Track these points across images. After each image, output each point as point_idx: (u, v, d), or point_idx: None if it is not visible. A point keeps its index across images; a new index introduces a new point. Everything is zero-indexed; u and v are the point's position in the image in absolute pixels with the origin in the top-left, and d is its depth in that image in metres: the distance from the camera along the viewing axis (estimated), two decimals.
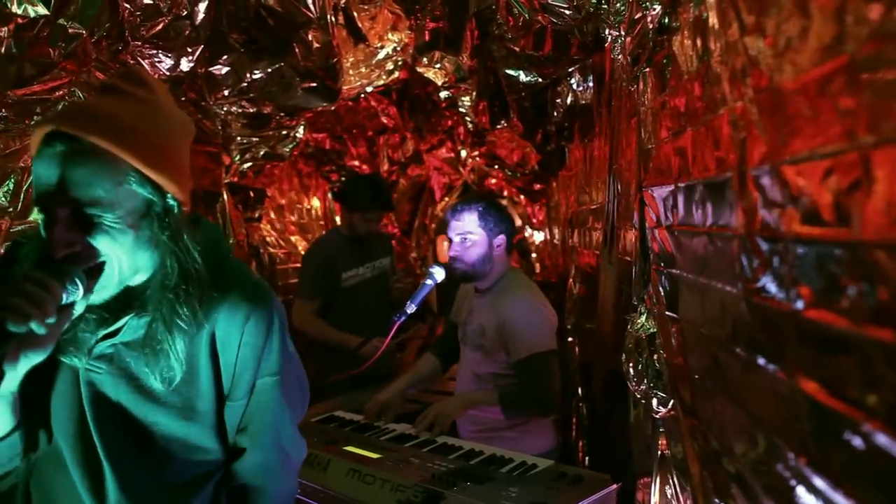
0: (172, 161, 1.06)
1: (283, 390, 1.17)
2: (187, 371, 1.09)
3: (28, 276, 0.92)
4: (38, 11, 1.59)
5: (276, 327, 1.15)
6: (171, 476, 1.10)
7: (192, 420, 1.10)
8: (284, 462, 1.21)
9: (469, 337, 2.36)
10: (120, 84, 1.06)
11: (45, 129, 0.98)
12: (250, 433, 1.15)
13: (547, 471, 1.94)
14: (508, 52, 2.55)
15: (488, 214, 2.26)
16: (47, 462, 1.08)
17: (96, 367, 1.06)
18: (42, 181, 0.97)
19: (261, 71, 2.60)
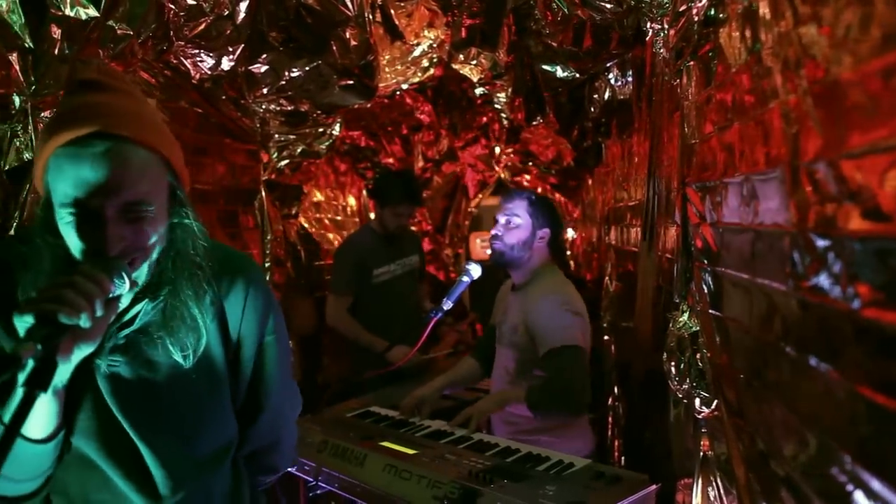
0: (176, 143, 1.12)
1: (279, 346, 1.26)
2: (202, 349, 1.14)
3: (79, 271, 0.95)
4: (89, 13, 1.64)
5: (268, 291, 1.25)
6: (201, 449, 1.16)
7: (211, 393, 1.16)
8: (290, 414, 1.34)
9: (504, 336, 2.34)
10: (106, 80, 1.07)
11: (83, 130, 0.98)
12: (260, 393, 1.24)
13: (584, 470, 1.92)
14: (545, 48, 2.53)
15: (538, 205, 2.28)
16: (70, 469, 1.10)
17: (114, 360, 1.09)
18: (88, 181, 0.97)
19: (299, 69, 2.63)
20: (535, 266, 2.30)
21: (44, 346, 0.88)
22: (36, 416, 0.98)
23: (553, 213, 2.33)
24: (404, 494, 1.88)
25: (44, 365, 0.88)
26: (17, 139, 1.59)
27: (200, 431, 1.16)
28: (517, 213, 2.27)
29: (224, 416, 1.20)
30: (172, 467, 1.11)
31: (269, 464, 1.33)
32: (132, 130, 1.00)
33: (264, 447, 1.29)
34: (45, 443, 1.01)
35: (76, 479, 1.10)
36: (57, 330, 0.89)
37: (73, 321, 0.90)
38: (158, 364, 1.11)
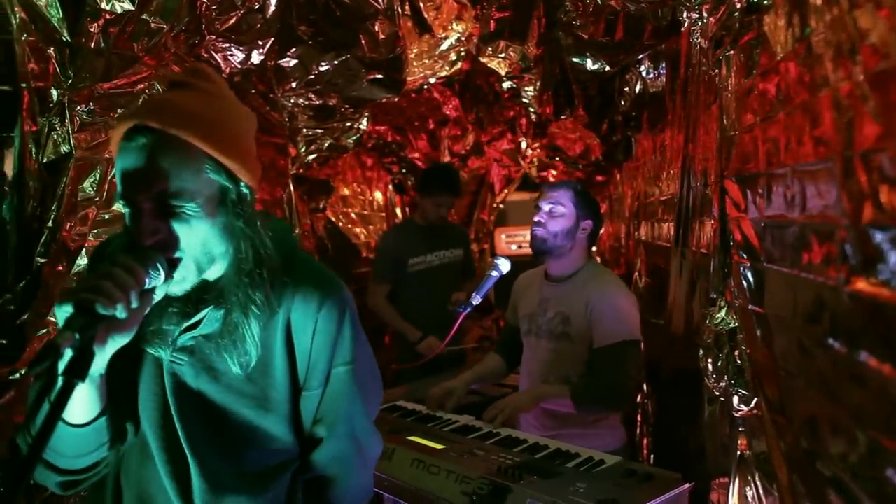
0: (243, 149, 1.09)
1: (357, 380, 1.17)
2: (262, 362, 1.11)
3: (115, 262, 0.96)
4: (125, 7, 1.65)
5: (348, 316, 1.16)
6: (250, 465, 1.12)
7: (268, 410, 1.12)
8: (359, 453, 1.21)
9: (543, 328, 2.31)
10: (189, 79, 1.10)
11: (128, 123, 1.01)
12: (326, 423, 1.16)
13: (615, 467, 1.89)
14: (576, 40, 2.49)
15: (583, 197, 2.27)
16: (135, 453, 1.11)
17: (179, 358, 1.09)
18: (127, 173, 1.00)
19: (327, 63, 2.63)
20: (577, 257, 2.28)
21: (81, 336, 0.88)
22: (76, 403, 1.00)
23: (596, 208, 2.33)
24: (433, 489, 1.87)
25: (81, 354, 0.89)
26: (55, 132, 1.62)
27: (248, 447, 1.12)
28: (562, 201, 2.26)
29: (277, 437, 1.14)
30: (211, 478, 1.08)
31: (327, 498, 1.21)
32: (173, 125, 1.00)
33: (324, 480, 1.19)
34: (85, 427, 1.03)
35: (136, 467, 1.11)
36: (93, 319, 0.90)
37: (108, 311, 0.91)
38: (217, 372, 1.10)
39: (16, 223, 1.52)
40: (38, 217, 1.57)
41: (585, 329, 2.19)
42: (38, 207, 1.57)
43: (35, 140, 1.55)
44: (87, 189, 1.86)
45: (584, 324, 2.19)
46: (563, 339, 2.25)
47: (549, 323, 2.29)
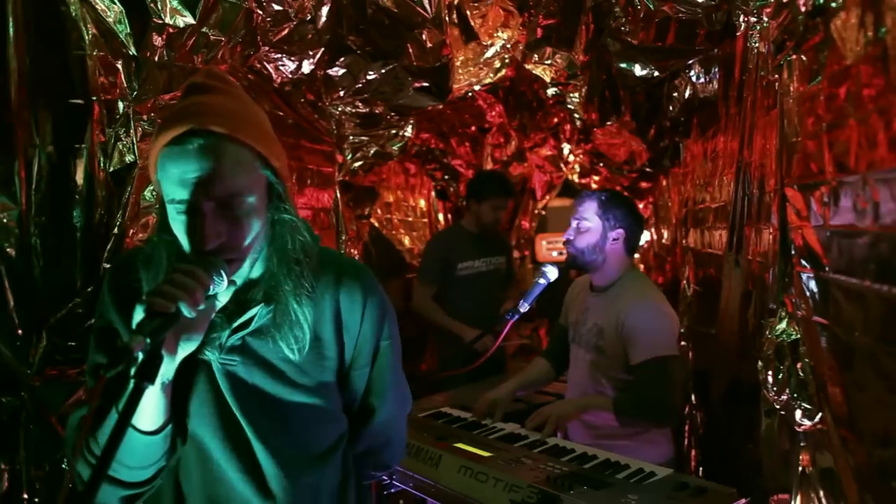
0: (277, 143, 1.14)
1: (394, 350, 1.28)
2: (314, 350, 1.16)
3: (177, 267, 0.98)
4: (186, 21, 1.71)
5: (385, 298, 1.27)
6: (313, 447, 1.19)
7: (321, 395, 1.18)
8: (402, 413, 1.36)
9: (583, 337, 2.29)
10: (212, 82, 1.11)
11: (180, 128, 1.01)
12: (377, 394, 1.27)
13: (666, 480, 1.85)
14: (624, 46, 2.47)
15: (610, 205, 2.21)
16: (192, 459, 1.14)
17: (230, 360, 1.12)
18: (185, 177, 1.00)
19: (375, 72, 2.66)
20: (615, 268, 2.24)
21: (151, 340, 0.91)
22: (145, 409, 1.02)
23: (627, 213, 2.24)
24: (481, 497, 1.87)
25: (151, 358, 0.91)
26: (121, 142, 1.68)
27: (311, 429, 1.18)
28: (586, 216, 2.23)
29: (334, 415, 1.22)
30: (284, 464, 1.14)
31: (381, 461, 1.36)
32: (225, 126, 1.02)
33: (378, 444, 1.32)
34: (154, 434, 1.05)
35: (196, 471, 1.14)
36: (163, 324, 0.93)
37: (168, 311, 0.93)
38: (271, 363, 1.14)
39: (85, 230, 1.59)
40: (105, 224, 1.64)
41: (616, 344, 2.14)
42: (105, 215, 1.63)
43: (103, 150, 1.61)
44: (148, 197, 1.93)
45: (616, 338, 2.15)
46: (598, 352, 2.22)
47: (588, 333, 2.26)
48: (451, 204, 4.58)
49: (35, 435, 1.55)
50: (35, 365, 1.52)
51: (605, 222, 2.20)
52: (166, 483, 1.15)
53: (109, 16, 1.58)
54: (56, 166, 1.54)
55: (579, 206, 2.27)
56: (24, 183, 1.48)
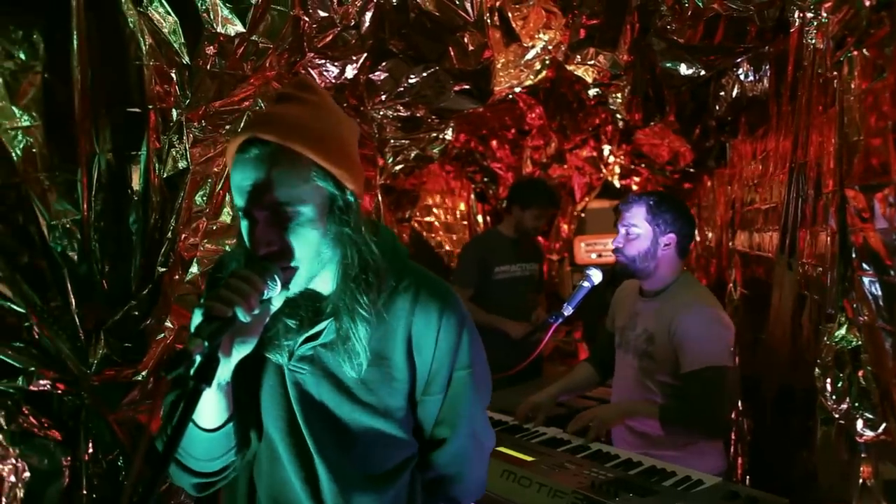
0: (348, 157, 1.12)
1: (475, 381, 1.21)
2: (383, 371, 1.14)
3: (233, 273, 1.01)
4: (237, 29, 1.74)
5: (466, 323, 1.19)
6: (373, 467, 1.16)
7: (386, 417, 1.15)
8: (477, 449, 1.26)
9: (631, 343, 2.24)
10: (296, 92, 1.13)
11: (243, 136, 1.05)
12: (448, 424, 1.20)
13: (715, 488, 1.81)
14: (670, 45, 2.42)
15: (659, 209, 2.13)
16: (265, 456, 1.17)
17: (300, 368, 1.13)
18: (242, 185, 1.04)
19: (416, 76, 2.67)
20: (667, 273, 2.18)
21: (209, 343, 0.93)
22: (205, 408, 1.05)
23: (678, 215, 2.16)
24: (524, 501, 1.86)
25: (208, 360, 0.93)
26: (174, 149, 1.72)
27: (372, 450, 1.16)
28: (634, 222, 2.15)
29: (398, 439, 1.18)
30: (341, 480, 1.13)
31: (450, 494, 1.27)
32: (279, 136, 1.03)
33: (446, 477, 1.25)
34: (214, 431, 1.08)
35: (266, 470, 1.17)
36: (220, 327, 0.95)
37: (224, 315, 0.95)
38: (339, 379, 1.13)
39: (141, 235, 1.64)
40: (159, 229, 1.68)
41: (668, 351, 2.08)
42: (160, 220, 1.68)
43: (158, 157, 1.66)
44: (199, 202, 1.97)
45: (667, 345, 2.08)
46: (647, 358, 2.16)
47: (637, 339, 2.21)
48: (491, 207, 4.57)
49: (94, 433, 1.60)
50: (94, 365, 1.57)
51: (655, 228, 2.12)
52: (242, 476, 1.18)
53: (165, 26, 1.63)
54: (114, 173, 1.60)
55: (626, 211, 2.19)
56: (85, 189, 1.53)
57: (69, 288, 1.53)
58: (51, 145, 1.50)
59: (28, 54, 1.46)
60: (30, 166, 1.49)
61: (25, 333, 1.52)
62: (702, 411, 2.01)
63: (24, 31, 1.44)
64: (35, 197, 1.49)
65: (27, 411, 1.54)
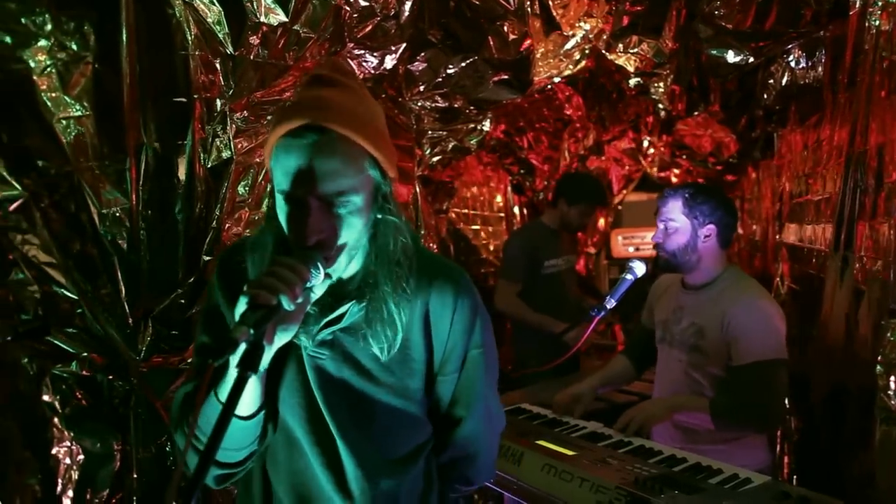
0: (389, 144, 1.11)
1: (487, 361, 1.23)
2: (401, 352, 1.14)
3: (278, 261, 1.00)
4: (280, 19, 1.75)
5: (479, 304, 1.21)
6: (395, 449, 1.17)
7: (406, 398, 1.16)
8: (491, 430, 1.29)
9: (677, 337, 2.18)
10: (334, 75, 1.11)
11: (296, 122, 1.02)
12: (464, 404, 1.22)
13: (764, 487, 1.75)
14: (717, 31, 2.35)
15: (695, 201, 2.07)
16: (281, 447, 1.16)
17: (320, 353, 1.13)
18: (295, 171, 1.01)
19: (455, 66, 2.65)
20: (711, 265, 2.12)
21: (255, 330, 0.92)
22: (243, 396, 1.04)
23: (716, 205, 2.09)
24: (565, 496, 1.82)
25: (254, 348, 0.93)
26: (218, 139, 1.74)
27: (393, 432, 1.16)
28: (672, 216, 2.10)
29: (417, 420, 1.20)
30: (365, 465, 1.13)
31: (465, 475, 1.30)
32: (342, 125, 1.02)
33: (461, 457, 1.27)
34: (248, 419, 1.08)
35: (284, 459, 1.16)
36: (265, 315, 0.94)
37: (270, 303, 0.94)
38: (359, 362, 1.13)
39: (186, 224, 1.66)
40: (204, 218, 1.70)
41: (720, 344, 2.02)
42: (204, 209, 1.70)
43: (203, 146, 1.67)
44: (241, 192, 1.99)
45: (720, 338, 2.02)
46: (696, 352, 2.11)
47: (683, 333, 2.16)
48: (527, 198, 4.53)
49: (143, 419, 1.64)
50: (143, 352, 1.60)
51: (693, 220, 2.07)
52: (256, 468, 1.18)
53: (209, 16, 1.64)
54: (161, 163, 1.62)
55: (663, 206, 2.15)
56: (133, 179, 1.56)
57: (119, 276, 1.56)
58: (101, 135, 1.53)
59: (80, 45, 1.49)
60: (81, 155, 1.52)
61: (78, 320, 1.56)
62: (756, 405, 1.96)
63: (76, 23, 1.47)
64: (86, 186, 1.52)
65: (80, 395, 1.58)
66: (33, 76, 1.47)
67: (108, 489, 1.60)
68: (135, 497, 1.59)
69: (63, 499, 1.54)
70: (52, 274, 1.54)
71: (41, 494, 1.53)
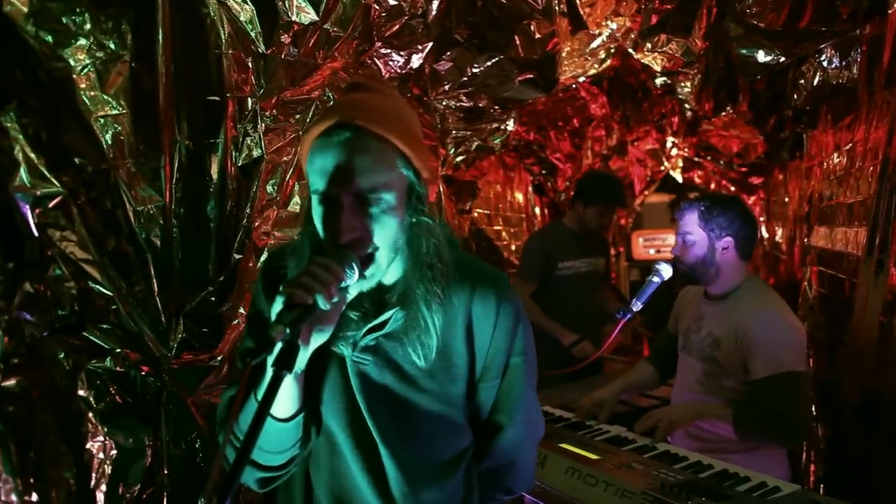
0: (424, 147, 1.12)
1: (528, 368, 1.21)
2: (443, 359, 1.13)
3: (315, 260, 1.00)
4: (310, 18, 1.75)
5: (521, 311, 1.20)
6: (437, 455, 1.16)
7: (448, 404, 1.15)
8: (531, 437, 1.28)
9: (695, 346, 2.17)
10: (369, 82, 1.13)
11: (330, 121, 1.04)
12: (505, 411, 1.20)
13: (794, 496, 1.72)
14: (748, 30, 2.31)
15: (711, 214, 2.07)
16: (323, 451, 1.16)
17: (363, 359, 1.12)
18: (329, 169, 1.02)
19: (480, 65, 2.64)
20: (731, 276, 2.10)
21: (291, 330, 0.92)
22: (280, 397, 1.03)
23: (735, 216, 2.08)
24: (589, 500, 1.81)
25: (289, 347, 0.92)
26: (249, 137, 1.75)
27: (435, 438, 1.16)
28: (688, 229, 2.11)
29: (459, 427, 1.19)
30: (406, 470, 1.13)
31: (505, 483, 1.28)
32: (371, 122, 1.03)
33: (502, 465, 1.25)
34: (287, 422, 1.08)
35: (325, 464, 1.16)
36: (301, 315, 0.94)
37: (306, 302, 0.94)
38: (402, 368, 1.13)
39: (218, 222, 1.67)
40: (235, 216, 1.71)
41: (734, 356, 2.00)
42: (235, 208, 1.71)
43: (234, 145, 1.68)
44: (269, 190, 2.00)
45: (734, 350, 2.00)
46: (711, 362, 2.09)
47: (701, 342, 2.14)
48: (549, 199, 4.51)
49: (174, 415, 1.65)
50: (174, 349, 1.62)
51: (710, 233, 2.07)
52: (298, 472, 1.18)
53: (242, 15, 1.65)
54: (194, 160, 1.63)
55: (680, 219, 2.15)
56: (168, 176, 1.57)
57: (152, 273, 1.57)
58: (137, 133, 1.54)
59: (118, 44, 1.50)
60: (118, 153, 1.53)
61: (112, 316, 1.58)
62: (779, 417, 1.94)
63: (114, 22, 1.49)
64: (122, 183, 1.54)
65: (114, 391, 1.60)
66: (73, 75, 1.49)
67: (140, 484, 1.62)
68: (165, 492, 1.61)
69: (97, 493, 1.57)
70: (89, 270, 1.56)
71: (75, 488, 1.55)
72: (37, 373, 1.56)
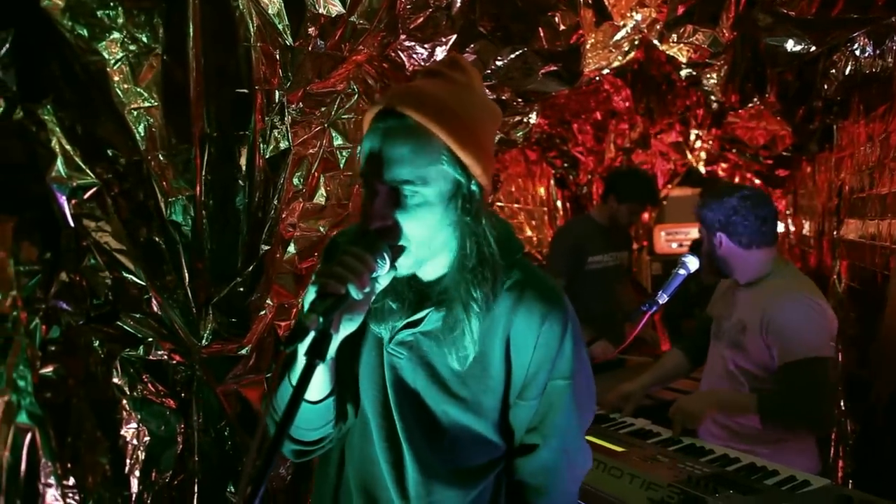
0: (482, 144, 1.06)
1: (574, 394, 1.14)
2: (480, 367, 1.10)
3: (345, 250, 1.00)
4: (337, 10, 1.76)
5: (570, 331, 1.13)
6: (460, 461, 1.14)
7: (479, 414, 1.12)
8: (569, 467, 1.19)
9: (724, 333, 2.16)
10: (443, 69, 1.10)
11: (380, 106, 1.04)
12: (540, 433, 1.15)
13: (824, 491, 1.71)
14: (777, 19, 2.27)
15: (701, 214, 2.15)
16: (357, 431, 1.17)
17: (398, 352, 1.12)
18: (369, 155, 1.03)
19: (504, 58, 2.63)
20: (750, 265, 2.09)
21: (323, 318, 0.93)
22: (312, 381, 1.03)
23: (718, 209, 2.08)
24: (616, 493, 1.81)
25: (322, 336, 0.93)
26: (276, 130, 1.76)
27: (458, 445, 1.13)
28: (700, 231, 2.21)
29: (487, 437, 1.15)
30: (426, 470, 1.11)
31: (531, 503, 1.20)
32: (417, 111, 1.01)
33: (530, 485, 1.18)
34: (317, 404, 1.10)
35: (359, 445, 1.17)
36: (334, 304, 0.95)
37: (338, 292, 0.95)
38: (435, 369, 1.12)
39: (246, 213, 1.69)
40: (262, 208, 1.73)
41: (759, 342, 1.99)
42: (263, 199, 1.73)
43: (262, 137, 1.70)
44: (295, 182, 2.02)
45: (758, 336, 1.99)
46: (737, 349, 2.07)
47: (731, 329, 2.13)
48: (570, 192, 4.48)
49: (204, 403, 1.68)
50: (204, 338, 1.64)
51: (709, 234, 2.14)
52: (335, 450, 1.20)
53: (270, 8, 1.66)
54: (223, 152, 1.65)
55: None
56: (198, 168, 1.60)
57: (183, 263, 1.60)
58: (168, 125, 1.57)
59: (150, 38, 1.53)
60: (150, 145, 1.56)
61: (145, 305, 1.61)
62: (803, 405, 1.92)
63: (146, 16, 1.51)
64: (154, 174, 1.57)
65: (146, 379, 1.64)
66: (107, 68, 1.52)
67: (172, 470, 1.65)
68: (196, 479, 1.64)
69: (131, 478, 1.60)
70: (122, 260, 1.60)
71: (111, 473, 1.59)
72: (73, 360, 1.61)
